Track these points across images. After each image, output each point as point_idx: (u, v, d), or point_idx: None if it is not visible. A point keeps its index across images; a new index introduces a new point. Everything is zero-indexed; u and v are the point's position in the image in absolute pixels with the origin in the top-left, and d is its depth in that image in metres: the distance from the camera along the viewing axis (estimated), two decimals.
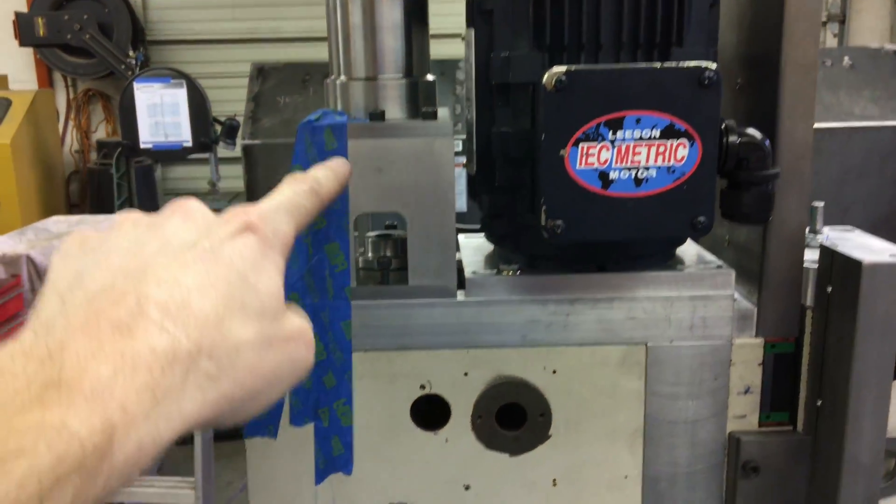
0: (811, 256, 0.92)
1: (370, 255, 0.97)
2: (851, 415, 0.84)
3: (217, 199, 5.55)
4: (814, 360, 0.91)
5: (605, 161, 0.76)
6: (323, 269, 0.90)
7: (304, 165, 0.87)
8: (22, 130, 5.41)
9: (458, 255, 0.98)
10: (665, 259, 0.94)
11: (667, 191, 0.76)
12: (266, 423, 0.93)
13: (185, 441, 3.65)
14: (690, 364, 0.92)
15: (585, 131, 0.76)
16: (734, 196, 0.81)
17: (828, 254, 0.87)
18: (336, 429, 0.94)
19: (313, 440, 0.94)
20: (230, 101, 5.66)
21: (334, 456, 0.94)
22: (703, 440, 0.95)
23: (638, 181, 0.76)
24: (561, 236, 0.77)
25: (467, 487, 0.96)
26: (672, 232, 0.80)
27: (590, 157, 0.76)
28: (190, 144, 5.34)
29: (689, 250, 0.99)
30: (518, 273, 0.92)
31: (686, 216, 0.77)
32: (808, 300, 0.91)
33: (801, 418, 0.94)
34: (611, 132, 0.76)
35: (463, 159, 1.02)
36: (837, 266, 0.85)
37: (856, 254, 0.83)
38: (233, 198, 5.44)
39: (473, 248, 1.03)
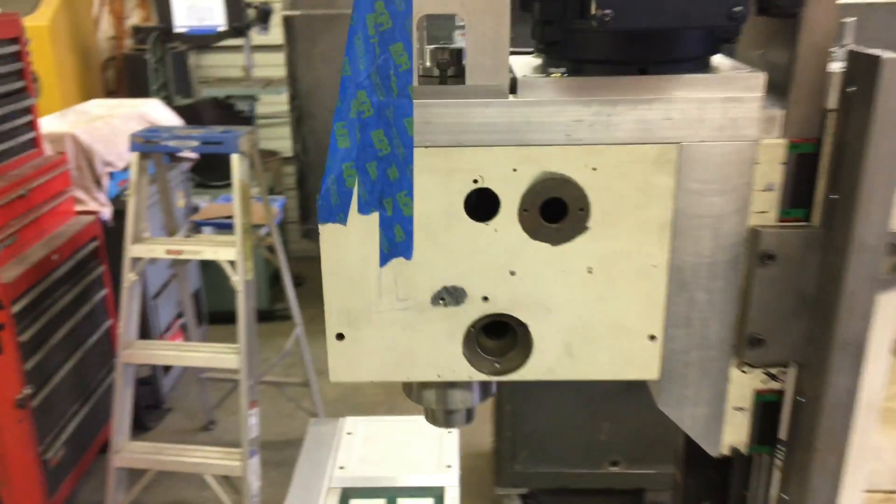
0: (836, 67, 1.00)
1: (428, 63, 1.06)
2: (863, 200, 0.94)
3: (251, 86, 5.62)
4: (833, 159, 1.00)
5: None
6: (388, 69, 0.99)
7: None
8: (59, 13, 5.46)
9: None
10: (702, 66, 1.03)
11: None
12: (337, 211, 1.05)
13: (230, 320, 3.83)
14: (719, 162, 1.02)
15: None
16: None
17: (853, 56, 0.95)
18: (398, 217, 1.05)
19: (378, 227, 1.06)
20: None
21: (396, 242, 1.07)
22: (725, 233, 1.05)
23: None
24: (609, 24, 0.85)
25: (513, 273, 1.08)
26: (713, 20, 0.88)
27: None
28: (224, 28, 5.38)
29: (723, 62, 1.08)
30: (565, 75, 1.01)
31: (725, 6, 0.85)
32: (831, 103, 0.99)
33: (817, 214, 1.04)
34: None
35: None
36: (860, 66, 0.93)
37: (877, 52, 0.91)
38: (267, 84, 5.51)
39: (522, 63, 1.12)
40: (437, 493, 1.97)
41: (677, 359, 1.12)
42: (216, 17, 5.34)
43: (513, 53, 1.12)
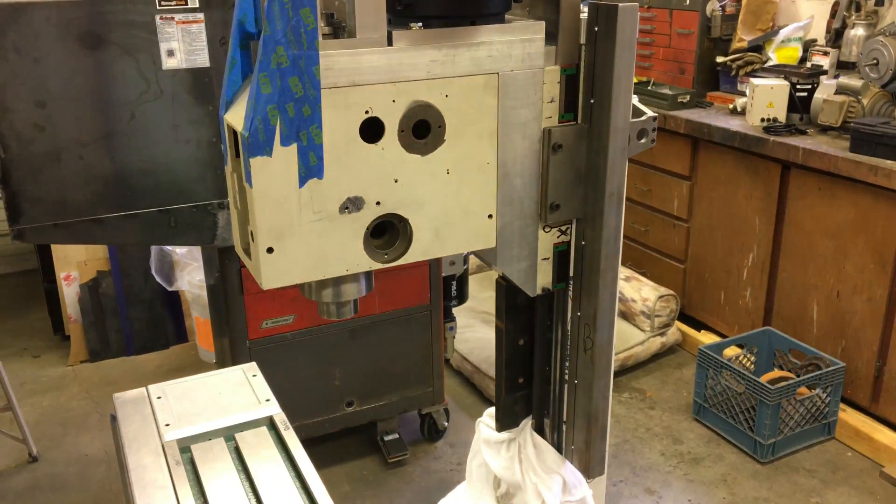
0: (583, 16, 1.52)
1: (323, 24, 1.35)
2: (613, 99, 1.48)
3: None
4: (587, 76, 1.53)
5: None
6: (299, 28, 1.27)
7: None
8: None
9: None
10: (503, 19, 1.48)
11: None
12: (264, 145, 1.30)
13: None
14: (522, 85, 1.49)
15: None
16: None
17: (594, 7, 1.48)
18: (312, 146, 1.34)
19: (297, 155, 1.33)
20: None
21: (311, 166, 1.35)
22: (530, 134, 1.53)
23: None
24: None
25: (396, 181, 1.43)
26: None
27: None
28: None
29: (509, 16, 1.55)
30: (422, 28, 1.39)
31: None
32: (583, 39, 1.51)
33: (580, 114, 1.56)
34: None
35: None
36: (602, 13, 1.46)
37: (615, 3, 1.45)
38: None
39: None
40: (268, 422, 2.20)
41: (506, 229, 1.58)
42: None
43: None
